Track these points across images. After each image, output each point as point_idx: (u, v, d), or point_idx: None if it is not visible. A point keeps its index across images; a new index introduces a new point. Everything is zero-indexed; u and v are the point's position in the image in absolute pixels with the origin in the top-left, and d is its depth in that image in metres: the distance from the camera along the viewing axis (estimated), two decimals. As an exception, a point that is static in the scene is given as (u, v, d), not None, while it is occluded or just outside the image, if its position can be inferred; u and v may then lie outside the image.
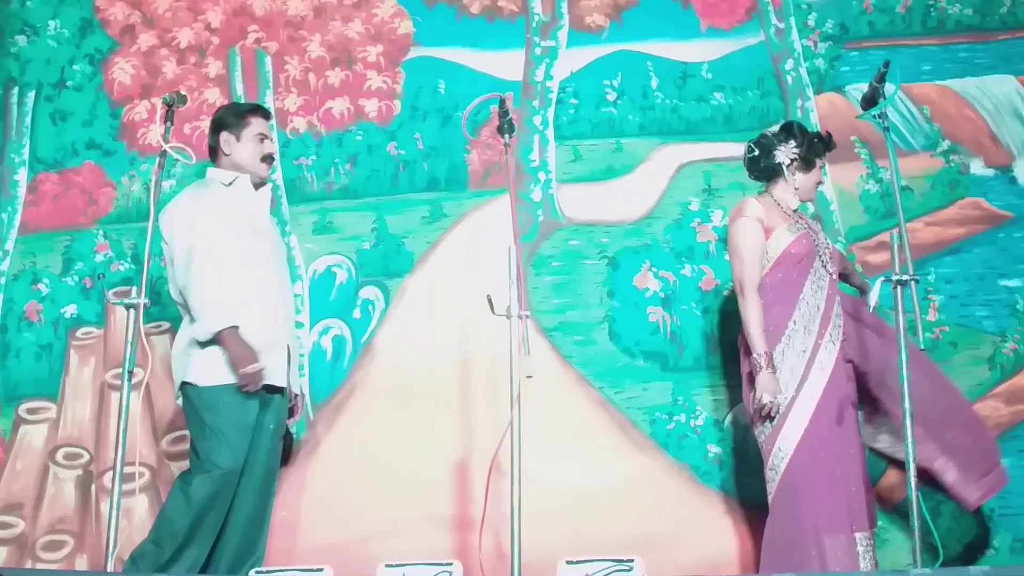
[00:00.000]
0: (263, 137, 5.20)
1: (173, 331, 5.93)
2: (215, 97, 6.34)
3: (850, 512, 4.90)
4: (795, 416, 4.95)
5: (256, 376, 4.91)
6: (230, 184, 5.14)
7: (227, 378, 4.89)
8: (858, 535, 4.88)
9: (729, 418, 5.75)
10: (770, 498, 4.96)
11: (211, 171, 5.22)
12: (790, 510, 4.95)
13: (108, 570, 4.43)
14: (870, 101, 4.78)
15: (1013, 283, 5.87)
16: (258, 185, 5.22)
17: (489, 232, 5.86)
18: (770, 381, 4.92)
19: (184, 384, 4.95)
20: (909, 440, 4.39)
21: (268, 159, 5.21)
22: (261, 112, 5.28)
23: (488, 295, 4.63)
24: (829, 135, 5.23)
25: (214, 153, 5.22)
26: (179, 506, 4.77)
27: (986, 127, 6.12)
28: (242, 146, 5.17)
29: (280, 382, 5.12)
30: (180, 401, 5.04)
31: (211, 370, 4.89)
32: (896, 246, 4.61)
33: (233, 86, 6.37)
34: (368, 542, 5.52)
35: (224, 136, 5.18)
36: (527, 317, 4.65)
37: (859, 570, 4.80)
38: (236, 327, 4.89)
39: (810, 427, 4.94)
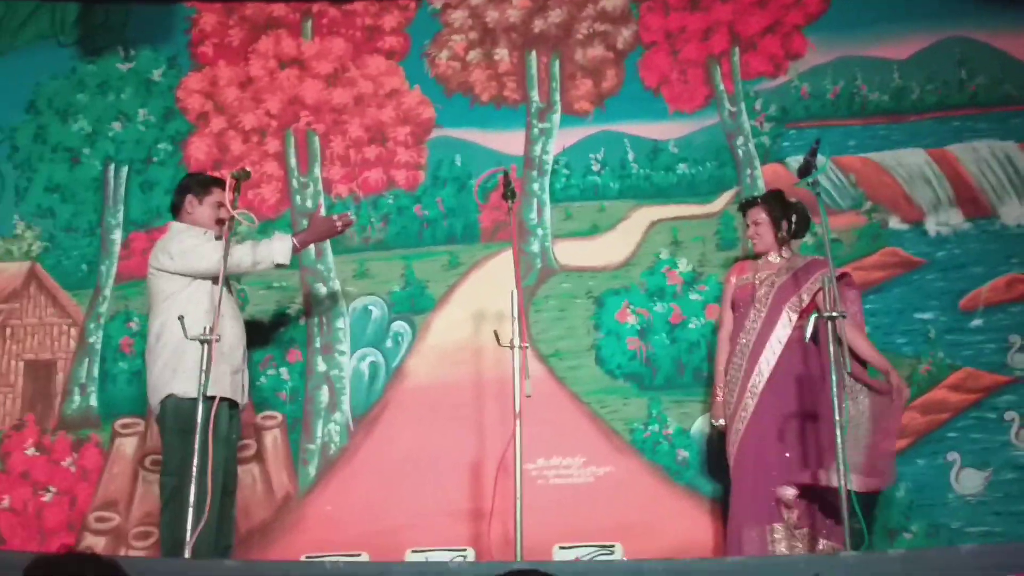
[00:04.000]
0: (220, 204, 5.07)
1: (240, 359, 5.98)
2: (273, 169, 6.37)
3: (769, 507, 4.92)
4: (735, 428, 5.05)
5: (346, 217, 5.04)
6: (205, 233, 5.09)
7: (213, 390, 4.61)
8: (776, 525, 4.90)
9: (695, 427, 5.77)
10: None
11: (176, 224, 5.17)
12: (730, 506, 5.02)
13: (187, 554, 4.43)
14: (806, 170, 4.78)
15: (926, 316, 5.85)
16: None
17: (497, 277, 5.86)
18: (716, 405, 5.20)
19: (171, 397, 4.84)
20: (839, 446, 4.39)
21: (221, 223, 5.03)
22: (221, 184, 5.12)
23: (495, 330, 4.67)
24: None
25: (177, 210, 5.17)
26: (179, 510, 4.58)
27: (901, 190, 6.11)
28: (202, 209, 5.14)
29: (240, 398, 5.11)
30: (159, 411, 4.93)
31: (193, 384, 4.66)
32: (827, 289, 4.64)
33: (288, 160, 6.40)
34: (398, 532, 5.48)
35: (189, 198, 5.15)
36: (527, 347, 4.69)
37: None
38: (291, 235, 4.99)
39: (744, 436, 5.01)
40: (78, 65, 6.59)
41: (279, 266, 5.10)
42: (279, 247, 5.04)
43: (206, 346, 4.55)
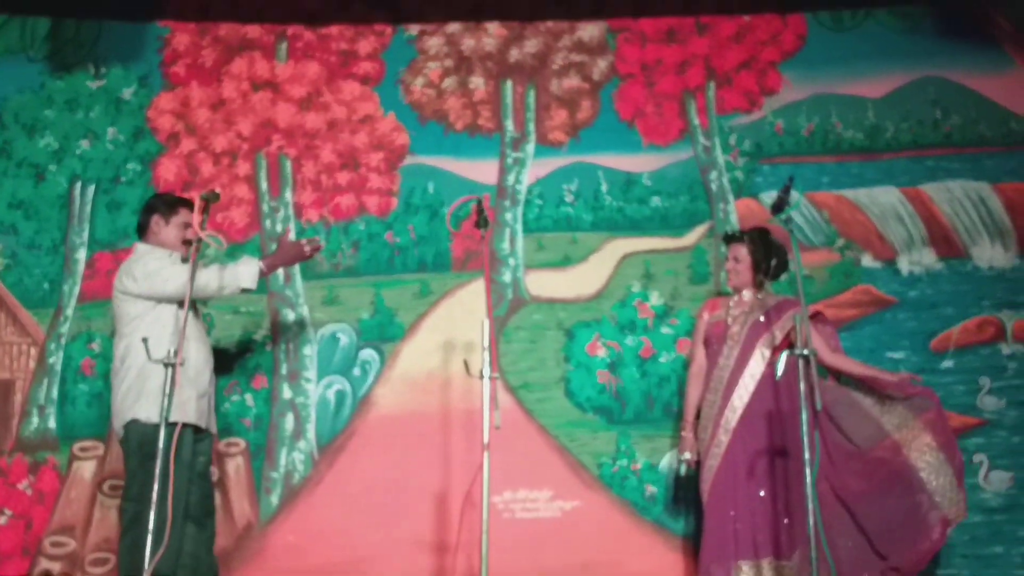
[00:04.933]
0: (187, 225, 5.04)
1: (203, 385, 5.90)
2: (243, 192, 6.31)
3: (736, 543, 4.90)
4: (708, 464, 5.04)
5: (315, 241, 5.00)
6: (170, 255, 5.01)
7: (174, 417, 4.53)
8: (742, 564, 4.87)
9: (663, 462, 5.73)
10: None
11: (141, 245, 5.09)
12: (701, 542, 5.00)
13: (144, 582, 4.34)
14: (779, 207, 4.78)
15: (897, 355, 5.86)
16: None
17: (468, 307, 5.84)
18: (684, 441, 5.19)
19: (135, 421, 4.76)
20: (808, 480, 4.37)
21: (187, 243, 4.93)
22: (188, 205, 5.10)
23: (465, 359, 4.63)
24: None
25: (143, 230, 5.10)
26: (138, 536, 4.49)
27: (874, 228, 6.13)
28: (169, 229, 5.06)
29: (210, 426, 5.05)
30: (123, 435, 4.84)
31: (156, 409, 4.58)
32: (799, 326, 4.63)
33: (259, 183, 6.34)
34: (361, 563, 5.45)
35: (155, 218, 5.08)
36: (497, 378, 4.65)
37: None
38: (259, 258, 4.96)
39: (717, 472, 5.00)
40: (47, 80, 6.52)
41: (245, 290, 5.03)
42: (245, 271, 4.98)
43: (170, 369, 4.48)
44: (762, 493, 4.95)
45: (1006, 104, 6.28)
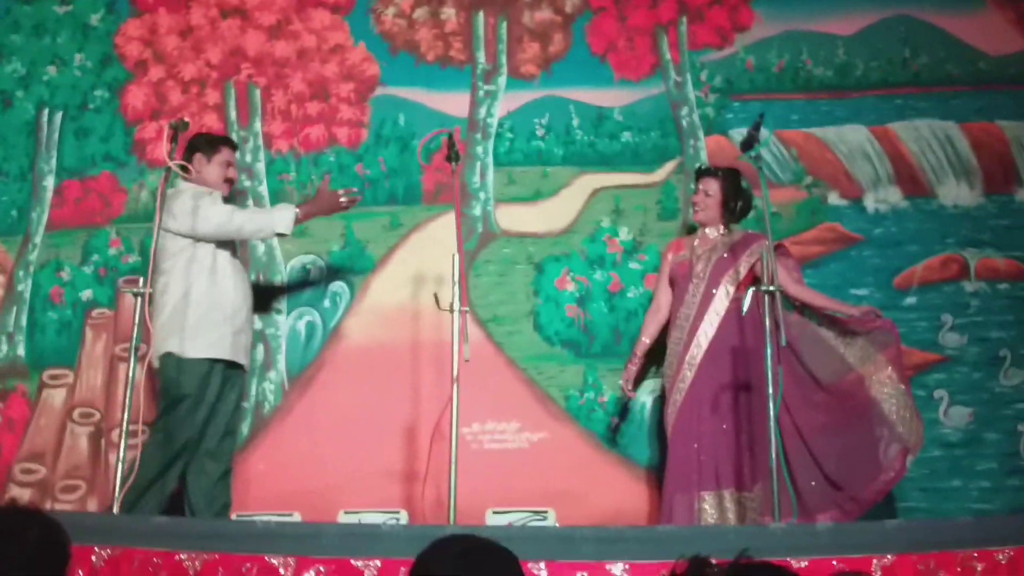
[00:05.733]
0: (228, 164, 5.21)
1: (172, 314, 5.91)
2: (212, 122, 6.25)
3: (699, 474, 4.98)
4: (672, 399, 5.10)
5: (352, 192, 5.11)
6: (210, 194, 5.12)
7: (206, 352, 4.88)
8: (704, 493, 4.96)
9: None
10: None
11: (184, 183, 5.17)
12: (665, 474, 5.08)
13: (115, 510, 4.40)
14: (749, 144, 4.82)
15: (861, 292, 5.88)
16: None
17: (438, 240, 5.81)
18: (625, 372, 5.37)
19: (168, 355, 4.91)
20: (771, 414, 4.45)
21: (229, 182, 5.23)
22: (230, 144, 5.30)
23: (435, 293, 4.65)
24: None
25: (184, 170, 5.12)
26: (154, 456, 4.78)
27: (842, 166, 6.15)
28: (210, 168, 5.17)
29: (244, 361, 5.12)
30: (158, 365, 4.98)
31: (198, 343, 4.89)
32: (765, 262, 4.68)
33: (228, 113, 6.30)
34: (330, 492, 5.46)
35: (197, 158, 5.16)
36: (467, 311, 4.68)
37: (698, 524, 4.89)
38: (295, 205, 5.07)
39: (681, 406, 5.08)
40: (13, 6, 6.43)
41: (279, 235, 5.12)
42: (281, 216, 5.04)
43: (139, 300, 4.56)
44: (725, 426, 5.03)
45: (975, 44, 6.28)
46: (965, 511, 5.48)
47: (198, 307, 4.91)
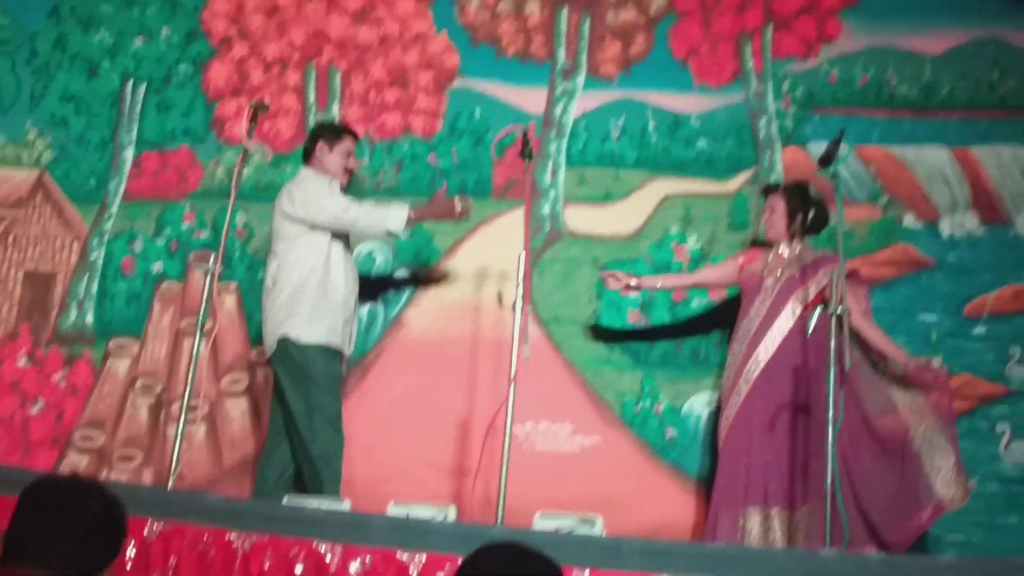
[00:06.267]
0: (350, 153, 5.24)
1: (240, 291, 5.99)
2: (291, 103, 6.32)
3: (747, 490, 4.95)
4: (726, 413, 5.08)
5: (467, 202, 5.15)
6: (330, 183, 5.18)
7: (323, 338, 4.95)
8: (750, 509, 4.93)
9: (686, 406, 5.76)
10: None
11: (305, 170, 5.23)
12: (713, 487, 5.06)
13: (170, 484, 4.49)
14: (827, 160, 4.75)
15: (930, 318, 5.81)
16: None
17: (504, 236, 5.80)
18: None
19: (285, 339, 4.95)
20: (829, 438, 4.40)
21: (349, 172, 5.27)
22: (353, 134, 5.32)
23: (499, 290, 4.67)
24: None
25: (308, 155, 5.23)
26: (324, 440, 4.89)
27: (920, 187, 6.04)
28: (332, 156, 5.20)
29: (349, 351, 5.22)
30: (272, 351, 5.01)
31: (317, 328, 4.95)
32: (835, 284, 4.62)
33: (308, 95, 6.35)
34: (381, 480, 5.49)
35: (320, 145, 5.21)
36: (529, 311, 4.68)
37: (742, 542, 4.87)
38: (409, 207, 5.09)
39: (734, 420, 5.05)
40: (106, -24, 6.54)
41: (390, 233, 5.13)
42: (395, 215, 5.06)
43: (208, 276, 4.66)
44: (777, 444, 4.99)
45: (1066, 72, 6.16)
46: (1020, 550, 5.38)
47: (315, 294, 4.97)
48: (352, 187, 6.02)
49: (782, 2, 6.33)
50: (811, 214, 5.27)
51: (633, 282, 5.41)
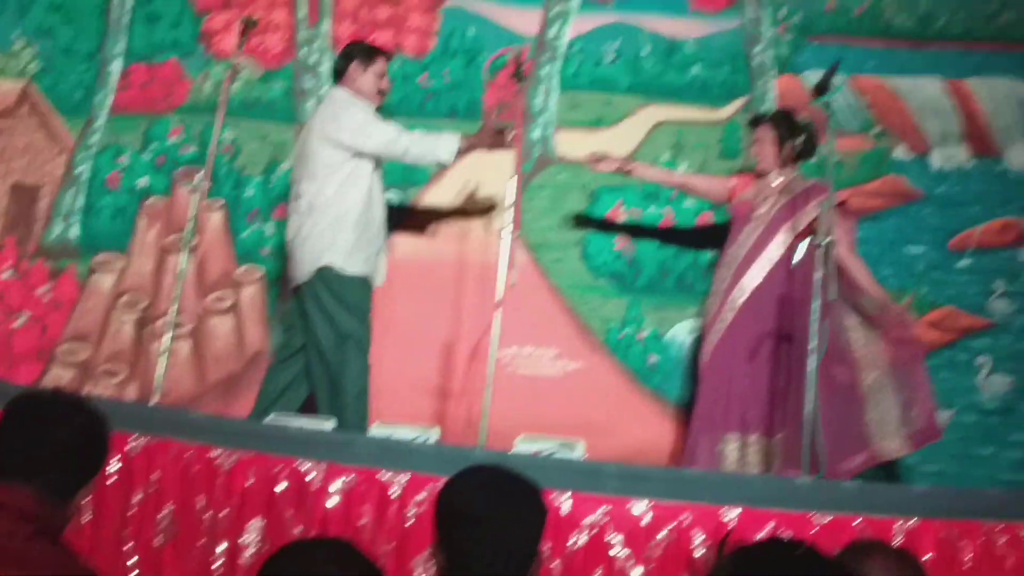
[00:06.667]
0: (382, 75, 5.15)
1: (227, 208, 5.96)
2: (282, 17, 6.23)
3: (725, 415, 5.01)
4: (709, 338, 5.10)
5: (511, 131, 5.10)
6: (369, 108, 5.11)
7: (364, 270, 4.94)
8: (728, 435, 4.99)
9: (669, 333, 5.79)
10: None
11: (340, 92, 5.13)
12: (693, 412, 5.11)
13: (154, 400, 4.52)
14: (821, 90, 4.72)
15: (916, 250, 5.83)
16: None
17: (494, 159, 5.68)
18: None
19: (328, 268, 4.89)
20: (811, 368, 4.43)
21: (382, 93, 5.18)
22: (387, 55, 5.24)
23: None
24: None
25: (340, 75, 5.15)
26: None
27: (912, 119, 6.03)
28: (366, 76, 5.11)
29: (380, 283, 5.19)
30: (307, 278, 4.94)
31: (357, 258, 4.92)
32: (824, 215, 4.63)
33: (298, 9, 6.25)
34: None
35: (354, 65, 5.12)
36: (518, 236, 4.68)
37: (719, 467, 4.92)
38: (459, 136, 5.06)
39: (717, 346, 5.08)
40: None
41: (440, 164, 5.12)
42: (445, 145, 5.02)
43: (195, 194, 4.65)
44: (758, 371, 5.02)
45: (1066, 4, 6.11)
46: (995, 480, 5.47)
47: (357, 225, 4.92)
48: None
49: (781, -73, 6.25)
50: (800, 141, 5.26)
51: (626, 166, 5.39)
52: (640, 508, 3.88)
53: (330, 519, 3.89)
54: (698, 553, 3.78)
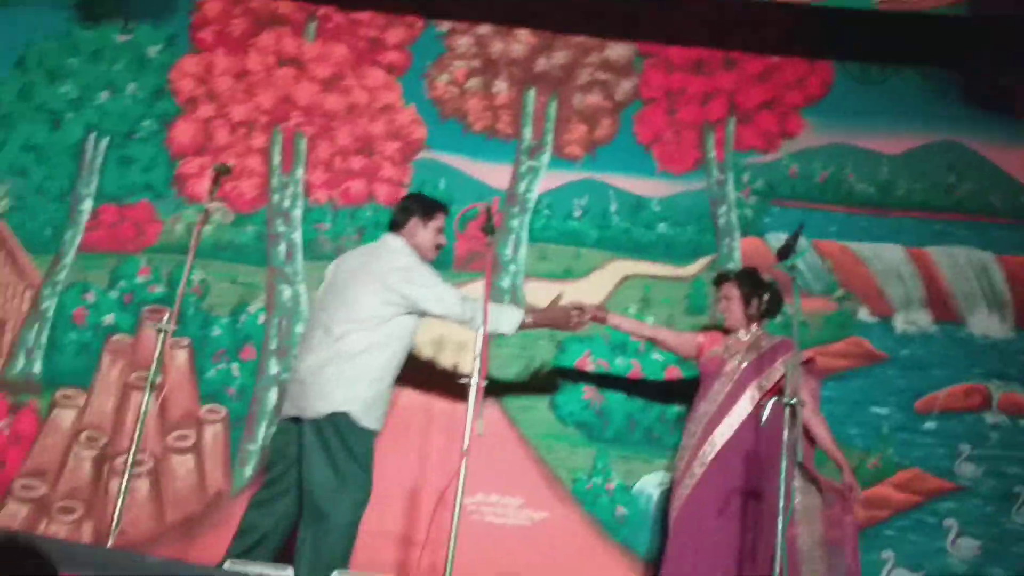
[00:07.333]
0: (440, 230, 5.11)
1: (192, 348, 5.92)
2: (256, 164, 6.33)
3: (694, 571, 4.93)
4: (679, 493, 5.07)
5: (586, 314, 5.13)
6: (430, 268, 5.04)
7: (377, 425, 4.78)
8: None
9: (637, 485, 5.76)
10: None
11: (398, 240, 5.04)
12: (661, 567, 5.04)
13: (110, 541, 4.39)
14: (786, 253, 4.78)
15: (882, 411, 5.89)
16: None
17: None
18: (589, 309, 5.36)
19: (343, 415, 4.68)
20: (779, 528, 4.40)
21: (439, 248, 5.12)
22: (445, 209, 5.17)
23: (455, 362, 4.59)
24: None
25: (398, 226, 5.07)
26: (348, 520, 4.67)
27: (875, 283, 6.16)
28: (426, 232, 5.06)
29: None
30: (315, 418, 4.70)
31: (374, 413, 4.74)
32: (790, 375, 4.65)
33: (272, 157, 6.37)
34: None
35: (414, 220, 5.06)
36: (485, 384, 4.63)
37: None
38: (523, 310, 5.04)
39: (686, 502, 5.03)
40: (74, 29, 6.58)
41: (499, 334, 5.04)
42: (508, 319, 5.00)
43: (162, 334, 4.60)
44: (727, 529, 4.98)
45: (1020, 178, 6.32)
46: (963, 646, 5.41)
47: (382, 380, 4.78)
48: (314, 251, 6.06)
49: (745, 96, 6.50)
50: (766, 299, 5.34)
51: (599, 314, 5.40)
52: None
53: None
54: None
